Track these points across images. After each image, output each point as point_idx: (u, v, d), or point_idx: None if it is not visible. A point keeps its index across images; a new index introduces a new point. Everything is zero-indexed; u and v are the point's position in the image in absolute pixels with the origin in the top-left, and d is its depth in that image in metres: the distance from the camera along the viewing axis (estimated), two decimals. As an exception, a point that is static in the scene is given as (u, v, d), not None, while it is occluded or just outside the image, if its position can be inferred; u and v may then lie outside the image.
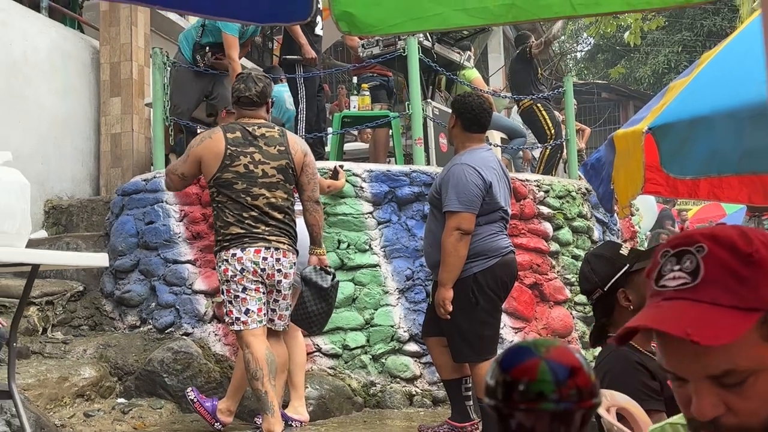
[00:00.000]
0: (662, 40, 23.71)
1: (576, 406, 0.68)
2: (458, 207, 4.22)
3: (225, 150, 4.20)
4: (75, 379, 5.16)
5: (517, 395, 0.69)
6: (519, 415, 0.69)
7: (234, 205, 4.20)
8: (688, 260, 1.02)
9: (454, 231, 4.21)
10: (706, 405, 0.99)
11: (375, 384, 5.78)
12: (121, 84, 7.80)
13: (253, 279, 4.18)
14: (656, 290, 1.04)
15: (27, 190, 3.36)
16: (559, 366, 0.69)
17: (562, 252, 6.77)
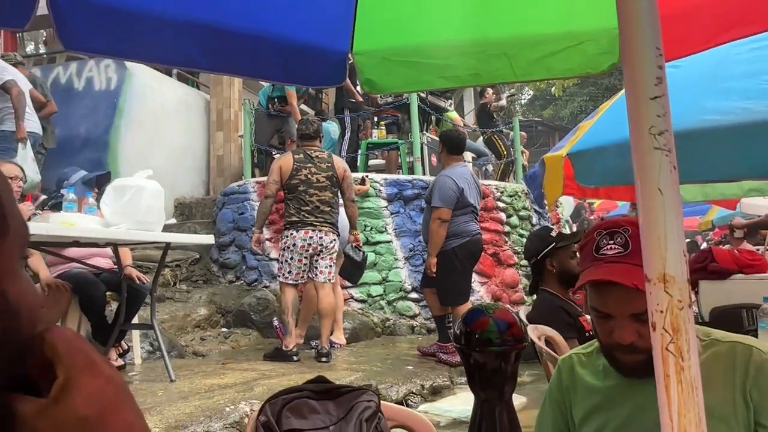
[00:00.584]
0: (576, 92, 23.59)
1: (512, 348, 0.69)
2: (439, 204, 4.31)
3: (293, 165, 4.26)
4: (194, 316, 5.21)
5: (474, 341, 0.69)
6: (475, 355, 0.69)
7: (296, 202, 4.24)
8: (618, 237, 1.03)
9: (437, 219, 4.30)
10: (628, 334, 1.00)
11: (389, 319, 5.78)
12: (223, 123, 7.82)
13: (299, 252, 4.20)
14: (596, 256, 1.04)
15: (162, 194, 3.39)
16: (501, 321, 0.69)
17: (512, 232, 6.73)
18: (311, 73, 1.92)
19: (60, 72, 7.19)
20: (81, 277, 3.42)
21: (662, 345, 0.60)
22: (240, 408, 2.78)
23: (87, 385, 0.41)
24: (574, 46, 1.66)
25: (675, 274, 0.61)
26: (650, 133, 0.62)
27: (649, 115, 0.62)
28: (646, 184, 0.62)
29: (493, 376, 0.69)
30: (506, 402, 0.70)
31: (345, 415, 1.25)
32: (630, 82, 0.65)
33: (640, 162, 0.63)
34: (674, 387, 0.60)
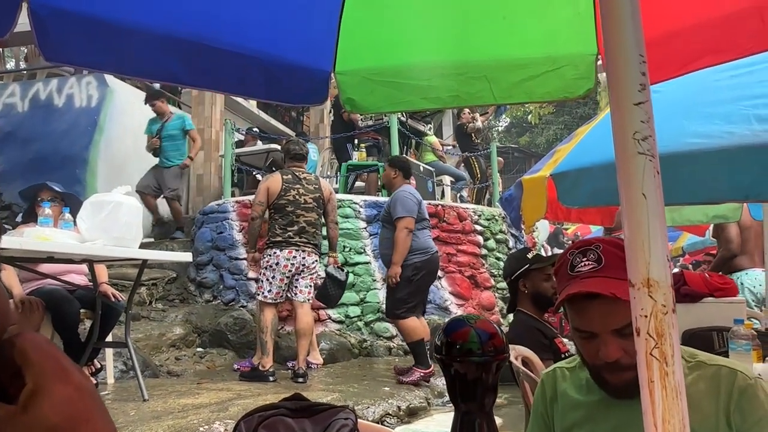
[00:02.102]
0: (552, 120, 24.12)
1: (493, 359, 0.67)
2: (405, 213, 4.28)
3: (282, 185, 4.27)
4: (169, 335, 5.08)
5: (455, 351, 0.68)
6: (456, 365, 0.68)
7: (283, 221, 4.22)
8: (591, 254, 1.04)
9: (404, 229, 4.27)
10: (613, 350, 0.98)
11: (366, 340, 5.72)
12: (204, 142, 7.75)
13: (282, 271, 4.17)
14: (571, 275, 1.04)
15: (140, 211, 3.33)
16: (483, 332, 0.68)
17: (488, 255, 6.75)
18: (294, 91, 1.92)
19: (40, 88, 7.09)
20: (55, 293, 3.32)
21: (646, 350, 0.60)
22: (214, 428, 2.70)
23: (57, 393, 0.39)
24: (553, 70, 1.69)
25: (659, 279, 0.60)
26: (634, 138, 0.62)
27: (632, 121, 0.63)
28: (630, 189, 0.62)
29: (474, 387, 0.67)
30: (487, 414, 0.68)
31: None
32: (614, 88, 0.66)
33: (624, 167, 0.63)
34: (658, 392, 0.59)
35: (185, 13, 1.63)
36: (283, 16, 1.73)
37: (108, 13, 1.52)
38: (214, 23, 1.64)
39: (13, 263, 3.16)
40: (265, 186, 4.31)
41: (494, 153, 8.37)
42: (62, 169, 6.38)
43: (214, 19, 1.68)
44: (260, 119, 10.19)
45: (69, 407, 0.40)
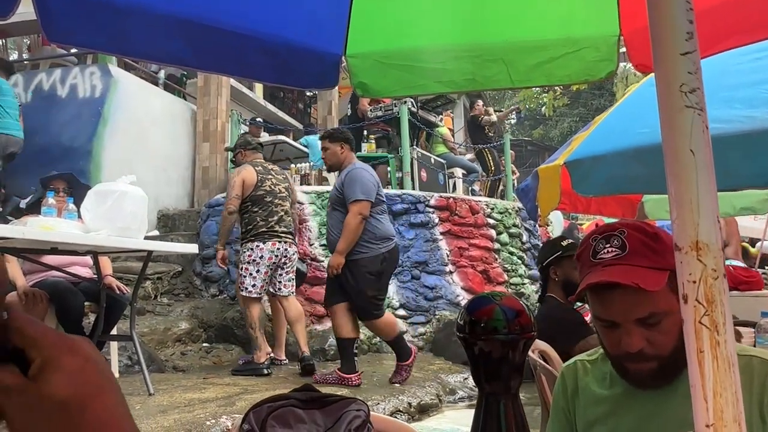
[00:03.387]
0: (566, 113, 23.98)
1: (520, 337, 0.66)
2: (362, 196, 3.83)
3: (257, 176, 4.32)
4: (175, 330, 5.11)
5: (479, 330, 0.66)
6: (480, 344, 0.66)
7: (263, 213, 4.25)
8: (614, 240, 1.01)
9: (358, 215, 3.82)
10: (636, 340, 0.97)
11: (375, 336, 5.71)
12: (209, 134, 7.77)
13: (266, 264, 4.19)
14: (594, 262, 1.02)
15: (146, 201, 3.33)
16: (509, 309, 0.66)
17: (502, 249, 6.72)
18: (303, 75, 1.90)
19: (43, 78, 7.12)
20: (59, 285, 3.34)
21: (695, 318, 0.57)
22: (221, 422, 2.70)
23: (66, 365, 0.39)
24: (573, 52, 1.67)
25: (708, 242, 0.58)
26: (681, 91, 0.60)
27: (679, 72, 0.60)
28: (677, 146, 0.60)
29: (499, 367, 0.65)
30: (513, 396, 0.67)
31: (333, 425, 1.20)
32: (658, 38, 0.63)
33: (669, 122, 0.61)
34: (709, 363, 0.57)
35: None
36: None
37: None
38: (222, 4, 1.63)
39: (17, 254, 3.17)
40: (240, 178, 4.29)
41: (507, 145, 8.34)
42: (66, 161, 6.41)
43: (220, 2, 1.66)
44: (267, 110, 10.19)
45: (79, 379, 0.39)
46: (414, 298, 5.94)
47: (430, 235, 6.21)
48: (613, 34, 1.68)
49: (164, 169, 7.36)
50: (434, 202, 6.33)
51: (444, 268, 6.17)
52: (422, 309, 5.92)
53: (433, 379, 4.58)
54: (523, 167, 19.91)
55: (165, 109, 7.56)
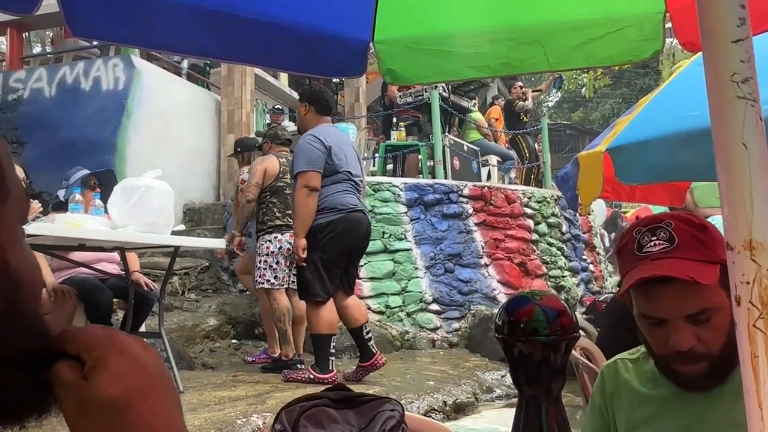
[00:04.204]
0: (608, 94, 23.45)
1: (561, 338, 0.65)
2: (304, 167, 3.60)
3: (279, 168, 4.35)
4: (203, 326, 5.22)
5: (518, 330, 0.66)
6: (519, 345, 0.66)
7: (281, 205, 4.30)
8: (661, 232, 0.99)
9: (303, 188, 3.59)
10: (686, 338, 0.95)
11: (408, 332, 5.74)
12: (234, 124, 7.87)
13: (285, 255, 4.21)
14: (639, 255, 1.00)
15: (171, 196, 3.41)
16: (549, 309, 0.66)
17: (540, 240, 6.65)
18: (330, 63, 1.91)
19: (66, 72, 7.31)
20: (87, 282, 3.44)
21: (749, 321, 0.56)
22: (252, 421, 2.76)
23: (113, 366, 0.42)
24: (614, 31, 1.63)
25: (763, 241, 0.57)
26: (732, 81, 0.58)
27: (730, 61, 0.59)
28: (728, 139, 0.58)
29: (540, 370, 0.65)
30: (554, 399, 0.67)
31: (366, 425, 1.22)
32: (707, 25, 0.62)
33: (719, 114, 0.59)
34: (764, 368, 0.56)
35: (215, -17, 1.64)
36: (318, -19, 1.72)
37: (134, -15, 1.55)
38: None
39: (45, 251, 3.28)
40: (262, 167, 4.31)
41: (545, 130, 8.23)
42: (90, 154, 6.58)
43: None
44: (292, 99, 10.26)
45: (125, 380, 0.42)
46: (448, 292, 5.93)
47: (464, 227, 6.19)
48: (658, 11, 1.64)
49: (189, 161, 7.49)
50: (468, 192, 6.30)
51: (479, 260, 6.14)
52: (456, 304, 5.92)
53: (469, 376, 4.58)
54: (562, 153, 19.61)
55: (189, 100, 7.69)
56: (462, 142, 7.53)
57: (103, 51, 7.88)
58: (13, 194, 0.44)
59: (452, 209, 6.18)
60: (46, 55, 9.10)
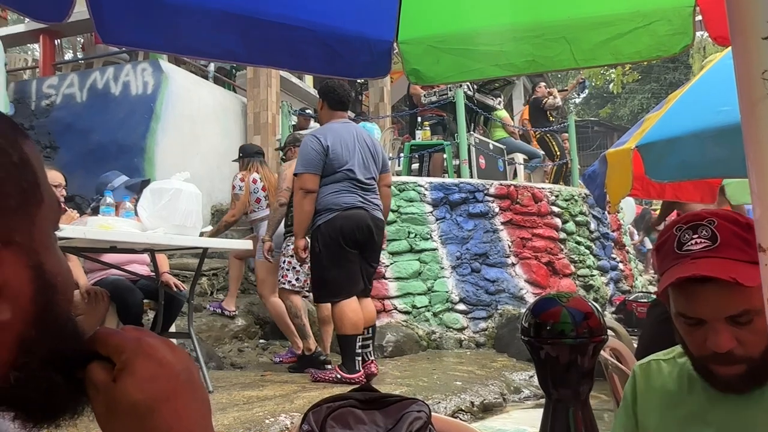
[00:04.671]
0: (637, 89, 23.02)
1: (589, 340, 0.65)
2: (300, 169, 3.62)
3: None
4: (231, 326, 5.28)
5: (545, 333, 0.66)
6: (546, 348, 0.66)
7: None
8: (703, 230, 0.96)
9: (299, 190, 3.61)
10: (725, 340, 0.92)
11: (435, 332, 5.72)
12: (260, 126, 7.94)
13: None
14: (680, 253, 0.97)
15: (200, 198, 3.45)
16: (576, 311, 0.65)
17: (568, 239, 6.58)
18: (354, 65, 1.92)
19: (97, 77, 7.47)
20: (118, 283, 3.51)
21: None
22: (280, 420, 2.78)
23: (140, 370, 0.44)
24: (643, 26, 1.61)
25: None
26: (763, 78, 0.57)
27: (761, 58, 0.57)
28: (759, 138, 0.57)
29: (567, 372, 0.65)
30: (582, 402, 0.66)
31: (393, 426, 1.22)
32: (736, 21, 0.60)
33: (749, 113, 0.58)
34: None
35: (240, -13, 1.66)
36: (341, -17, 1.73)
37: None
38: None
39: (77, 253, 3.36)
40: (291, 171, 4.26)
41: (572, 128, 8.11)
42: (121, 158, 6.72)
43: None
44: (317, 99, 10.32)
45: (151, 385, 0.43)
46: (474, 292, 5.91)
47: (490, 226, 6.15)
48: (688, 4, 1.61)
49: (217, 164, 7.58)
50: (494, 191, 6.26)
51: (506, 260, 6.10)
52: (483, 303, 5.88)
53: (496, 377, 4.55)
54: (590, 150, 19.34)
55: (216, 103, 7.79)
56: (487, 140, 7.48)
57: (132, 56, 8.03)
58: (47, 201, 0.45)
59: (478, 208, 6.15)
60: (77, 61, 9.31)
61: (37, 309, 0.43)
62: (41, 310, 0.43)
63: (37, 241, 0.44)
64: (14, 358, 0.42)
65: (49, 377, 0.44)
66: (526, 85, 13.57)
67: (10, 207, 0.42)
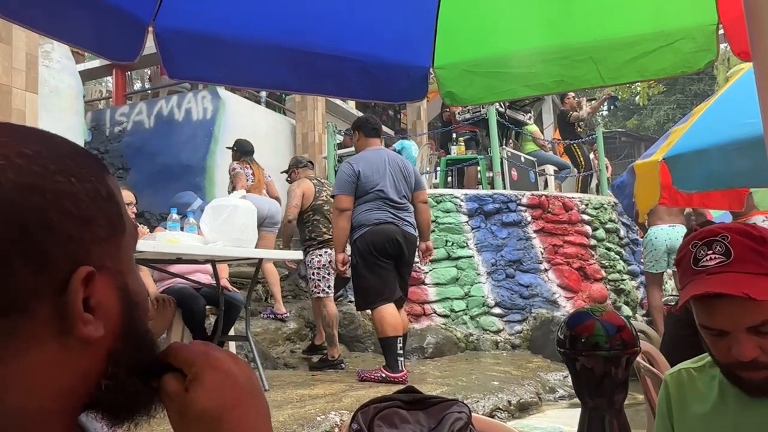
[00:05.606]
0: (662, 100, 22.34)
1: (622, 353, 0.63)
2: (335, 191, 3.85)
3: (315, 188, 4.68)
4: (284, 329, 5.34)
5: (580, 345, 0.65)
6: (582, 359, 0.65)
7: (325, 221, 4.53)
8: (717, 246, 0.93)
9: (335, 210, 3.84)
10: (748, 349, 0.89)
11: (472, 335, 5.66)
12: (308, 145, 8.07)
13: (332, 268, 4.37)
14: (696, 269, 0.94)
15: (255, 213, 3.53)
16: (610, 325, 0.64)
17: (598, 245, 6.42)
18: (394, 91, 1.94)
19: (163, 105, 7.73)
20: (183, 291, 3.60)
21: None
22: (330, 418, 2.80)
23: (208, 380, 0.45)
24: (667, 45, 1.58)
25: None
26: None
27: None
28: None
29: (602, 383, 0.63)
30: (617, 411, 0.65)
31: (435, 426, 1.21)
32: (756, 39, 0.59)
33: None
34: None
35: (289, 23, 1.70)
36: (380, 16, 1.75)
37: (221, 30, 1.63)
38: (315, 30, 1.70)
39: (147, 264, 3.47)
40: (300, 190, 4.61)
41: (600, 138, 7.95)
42: (184, 178, 6.92)
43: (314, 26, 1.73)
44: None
45: (218, 394, 0.45)
46: (509, 296, 5.83)
47: (523, 234, 6.07)
48: (710, 23, 1.57)
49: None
50: (526, 201, 6.18)
51: (539, 266, 6.00)
52: (518, 307, 5.80)
53: (531, 377, 4.47)
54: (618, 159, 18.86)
55: (268, 125, 7.95)
56: (519, 153, 7.40)
57: (193, 85, 8.28)
58: (128, 228, 0.48)
59: (511, 217, 6.08)
60: (145, 90, 9.66)
61: (124, 324, 0.46)
62: (127, 326, 0.46)
63: (123, 265, 0.46)
64: (105, 368, 0.45)
65: (132, 384, 0.46)
66: (555, 101, 13.37)
67: (102, 237, 0.45)
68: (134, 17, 1.45)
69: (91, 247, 0.44)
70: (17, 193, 0.40)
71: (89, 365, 0.44)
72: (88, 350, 0.43)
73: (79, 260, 0.42)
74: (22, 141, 0.43)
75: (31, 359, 0.41)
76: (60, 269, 0.42)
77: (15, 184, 0.40)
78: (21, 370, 0.41)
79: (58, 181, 0.43)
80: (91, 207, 0.44)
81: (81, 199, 0.43)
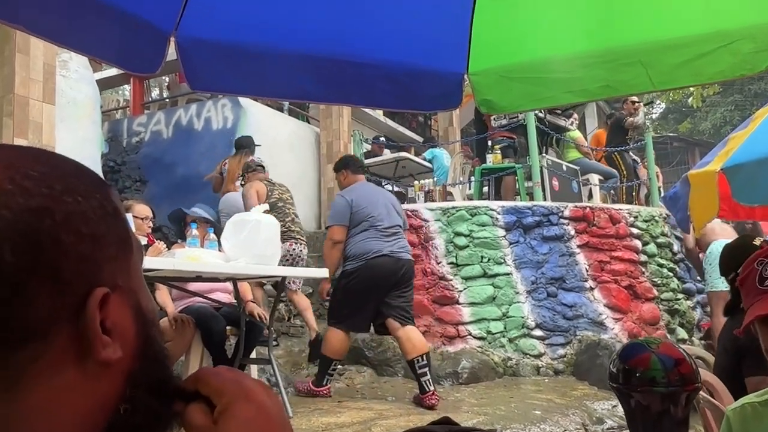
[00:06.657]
0: (718, 101, 21.77)
1: (681, 389, 0.62)
2: (330, 222, 4.25)
3: (267, 188, 5.20)
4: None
5: (634, 380, 0.64)
6: (637, 396, 0.64)
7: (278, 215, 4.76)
8: None
9: (328, 240, 4.20)
10: None
11: (511, 359, 5.58)
12: (333, 154, 8.12)
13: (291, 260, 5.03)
14: (762, 289, 0.91)
15: (278, 228, 3.57)
16: (667, 358, 0.63)
17: (649, 262, 6.28)
18: (427, 99, 1.95)
19: (182, 114, 7.91)
20: (203, 311, 3.66)
21: None
22: (358, 449, 2.79)
23: (240, 413, 0.46)
24: (724, 46, 1.55)
25: None
26: None
27: None
28: None
29: (660, 421, 0.62)
30: (677, 453, 0.63)
31: (474, 461, 1.20)
32: None
33: None
34: None
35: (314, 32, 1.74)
36: (412, 23, 1.77)
37: (243, 40, 1.67)
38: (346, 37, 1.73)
39: (166, 282, 3.54)
40: (254, 191, 5.01)
41: (650, 146, 7.80)
42: (203, 189, 7.04)
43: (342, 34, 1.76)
44: (387, 127, 10.46)
45: (250, 426, 0.46)
46: (551, 317, 5.73)
47: (566, 249, 5.98)
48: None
49: (292, 192, 7.79)
50: (569, 213, 6.09)
51: (583, 284, 5.89)
52: (561, 329, 5.70)
53: (577, 406, 4.38)
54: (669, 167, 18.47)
55: (290, 134, 8.05)
56: (561, 162, 7.32)
57: (213, 93, 8.46)
58: (135, 245, 0.50)
59: (553, 231, 6.00)
60: (163, 99, 9.90)
61: (140, 344, 0.47)
62: (143, 345, 0.48)
63: (134, 282, 0.48)
64: (123, 391, 0.46)
65: (151, 408, 0.47)
66: (600, 104, 13.20)
67: (113, 255, 0.46)
68: (156, 27, 1.50)
69: (104, 265, 0.45)
70: (28, 216, 0.41)
71: (107, 389, 0.45)
72: (106, 373, 0.44)
73: (94, 281, 0.44)
74: (26, 163, 0.45)
75: (51, 386, 0.42)
76: (76, 292, 0.43)
77: (25, 208, 0.42)
78: (42, 398, 0.42)
79: (66, 201, 0.44)
80: (100, 225, 0.46)
81: (90, 218, 0.45)
